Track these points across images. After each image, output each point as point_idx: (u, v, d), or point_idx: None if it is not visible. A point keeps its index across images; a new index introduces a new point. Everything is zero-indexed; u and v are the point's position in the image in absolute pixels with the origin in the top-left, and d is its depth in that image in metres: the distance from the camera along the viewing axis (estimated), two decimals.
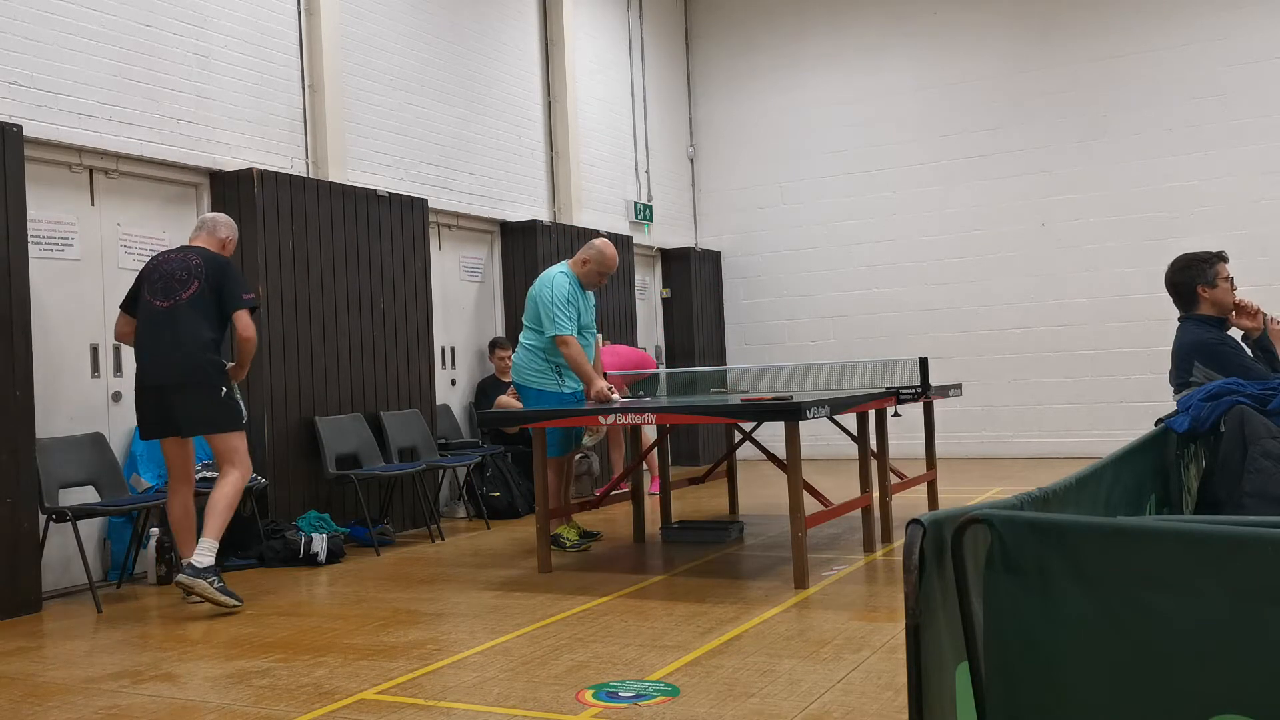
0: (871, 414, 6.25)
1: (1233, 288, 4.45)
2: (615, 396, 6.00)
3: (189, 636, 4.67)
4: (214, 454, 5.41)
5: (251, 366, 6.72)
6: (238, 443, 5.36)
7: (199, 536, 5.20)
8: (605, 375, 6.94)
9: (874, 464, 6.17)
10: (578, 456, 8.90)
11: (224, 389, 5.32)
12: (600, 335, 7.46)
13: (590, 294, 6.45)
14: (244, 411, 5.45)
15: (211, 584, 5.03)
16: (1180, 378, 4.32)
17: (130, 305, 5.48)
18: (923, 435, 7.30)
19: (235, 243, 5.70)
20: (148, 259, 6.55)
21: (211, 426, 5.31)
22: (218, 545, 5.15)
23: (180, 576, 5.07)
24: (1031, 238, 10.96)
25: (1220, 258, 4.46)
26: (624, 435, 8.57)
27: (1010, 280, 11.06)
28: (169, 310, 5.30)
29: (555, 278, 6.24)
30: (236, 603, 5.08)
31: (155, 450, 6.32)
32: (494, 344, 8.80)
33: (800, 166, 12.05)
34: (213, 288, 5.32)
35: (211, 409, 5.29)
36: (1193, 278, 4.44)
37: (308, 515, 6.70)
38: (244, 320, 5.33)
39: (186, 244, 5.58)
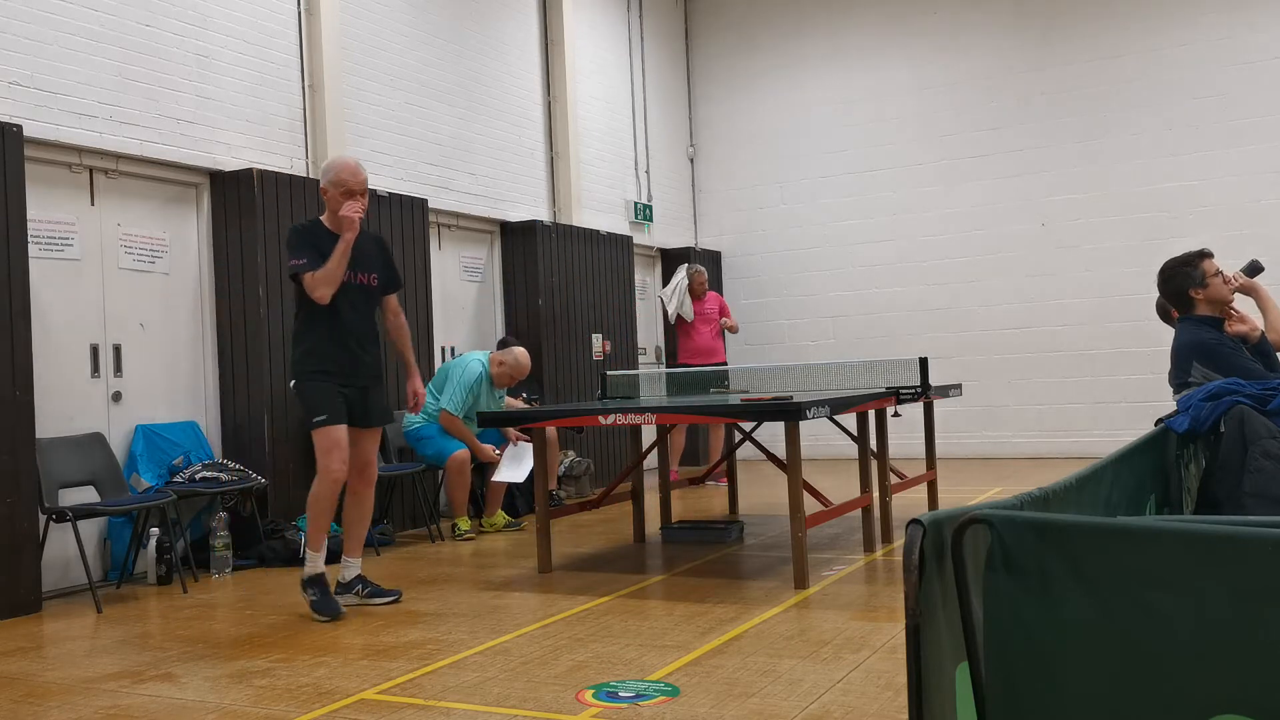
0: (871, 414, 6.25)
1: (1225, 280, 4.46)
2: (496, 453, 7.19)
3: (189, 636, 4.67)
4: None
5: (250, 366, 6.76)
6: (314, 440, 4.96)
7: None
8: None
9: (874, 464, 6.17)
10: (574, 458, 8.91)
11: (294, 380, 5.05)
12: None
13: (500, 391, 7.48)
14: (320, 406, 4.91)
15: (308, 596, 4.91)
16: (1179, 378, 4.32)
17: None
18: (923, 435, 7.30)
19: (339, 188, 4.93)
20: (146, 259, 6.57)
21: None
22: (317, 554, 4.98)
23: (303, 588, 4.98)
24: (1031, 238, 10.96)
25: (1203, 255, 4.48)
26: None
27: (1010, 280, 11.06)
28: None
29: (470, 365, 7.30)
30: (322, 619, 4.84)
31: (155, 450, 6.33)
32: (499, 345, 8.79)
33: (800, 166, 12.05)
34: None
35: (300, 403, 5.09)
36: (1181, 284, 4.46)
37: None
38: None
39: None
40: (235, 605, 5.32)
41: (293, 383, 5.07)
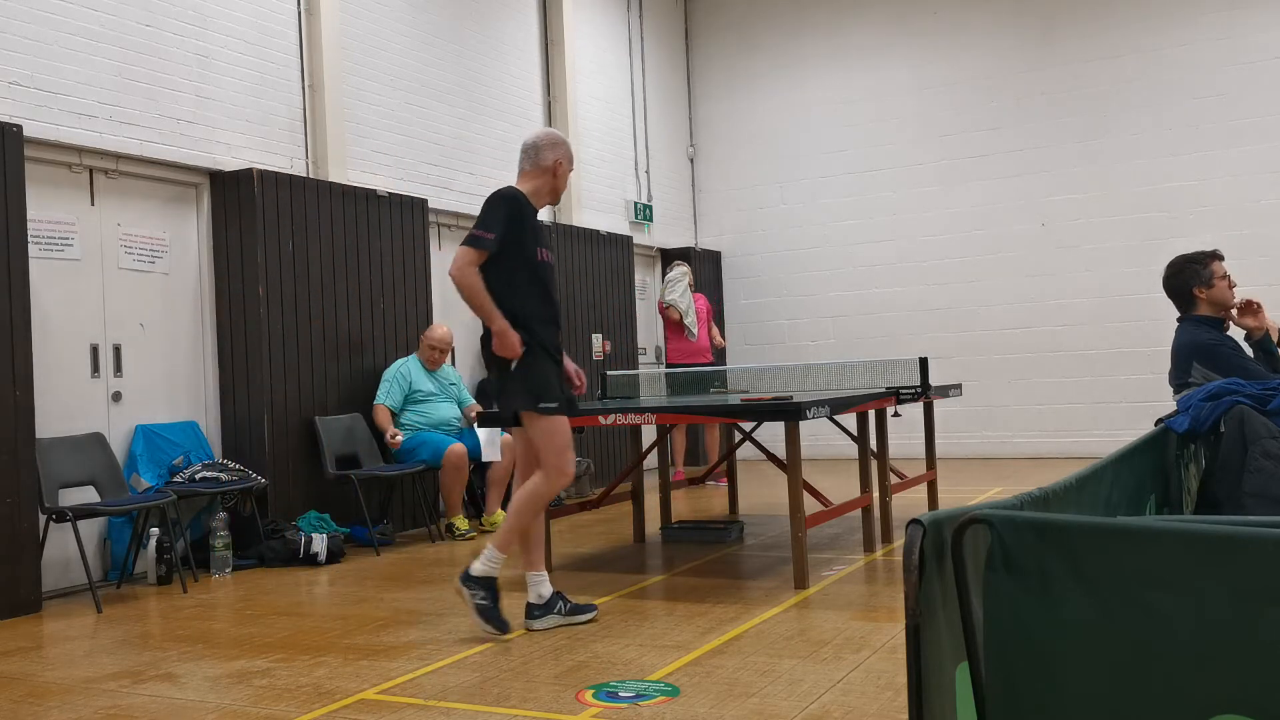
0: (871, 414, 6.25)
1: (1230, 285, 4.45)
2: (398, 438, 7.18)
3: (189, 636, 4.67)
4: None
5: (250, 366, 6.76)
6: (539, 428, 4.38)
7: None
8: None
9: (874, 464, 6.17)
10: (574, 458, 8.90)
11: (514, 361, 4.38)
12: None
13: (445, 368, 7.69)
14: (553, 390, 4.40)
15: (474, 596, 4.31)
16: (1179, 378, 4.32)
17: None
18: (923, 435, 7.30)
19: (568, 163, 4.61)
20: (146, 259, 6.57)
21: (508, 404, 4.47)
22: (502, 558, 4.37)
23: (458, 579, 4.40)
24: (1031, 238, 10.96)
25: (1214, 256, 4.46)
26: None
27: (1010, 280, 11.06)
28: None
29: (397, 361, 7.55)
30: (495, 630, 4.32)
31: (155, 450, 6.33)
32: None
33: (800, 166, 12.05)
34: None
35: (508, 383, 4.43)
36: (1187, 280, 4.45)
37: (308, 515, 6.70)
38: (457, 253, 4.45)
39: None
40: (235, 605, 5.32)
41: (513, 362, 4.36)
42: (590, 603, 4.63)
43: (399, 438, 7.18)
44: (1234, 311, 4.44)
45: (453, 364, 8.81)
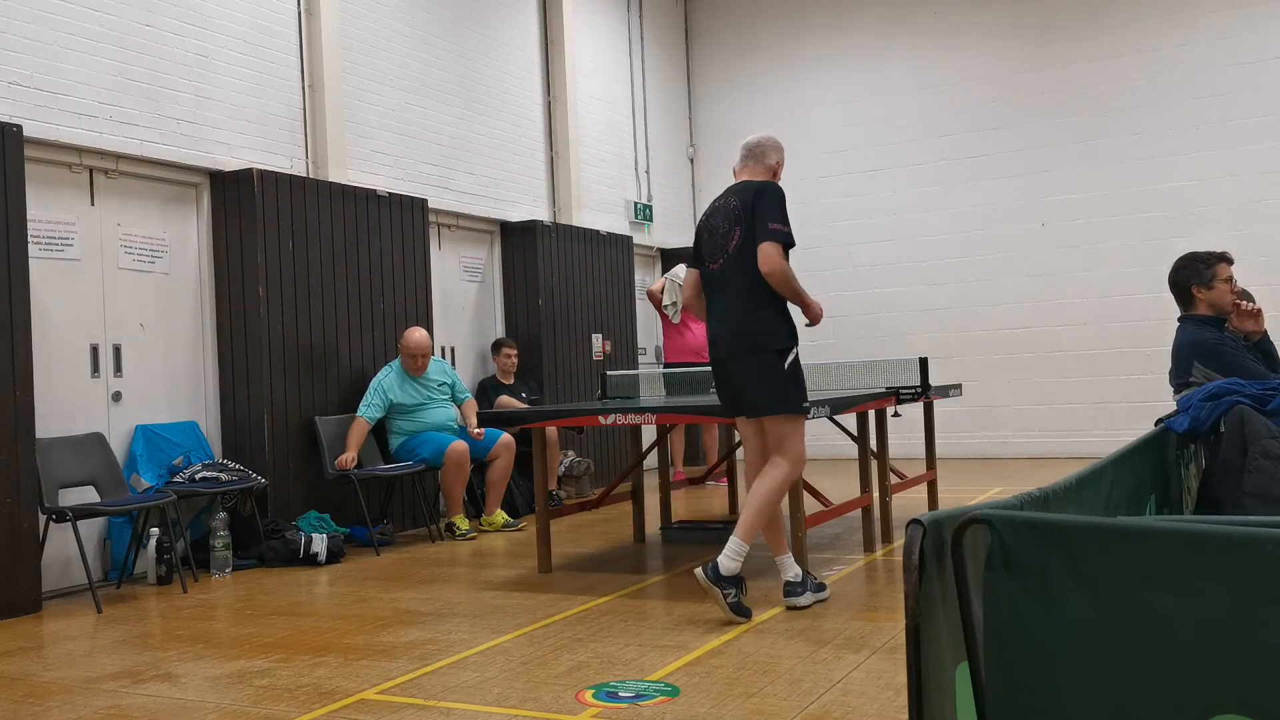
0: (871, 414, 6.25)
1: (1233, 289, 4.44)
2: (350, 460, 6.82)
3: (189, 636, 4.67)
4: (768, 439, 4.59)
5: (250, 366, 6.76)
6: (790, 428, 4.50)
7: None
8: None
9: (874, 464, 6.17)
10: (574, 458, 8.91)
11: (786, 358, 4.47)
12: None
13: (444, 368, 7.59)
14: (805, 392, 4.58)
15: (727, 597, 4.35)
16: (1180, 378, 4.32)
17: (696, 263, 4.77)
18: (923, 435, 7.30)
19: (782, 167, 4.84)
20: (146, 259, 6.57)
21: (763, 408, 4.50)
22: (746, 549, 4.40)
23: (698, 572, 4.38)
24: (1031, 238, 10.96)
25: (1222, 258, 4.45)
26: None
27: (1010, 280, 11.06)
28: (719, 272, 4.57)
29: (381, 370, 7.36)
30: (744, 619, 4.40)
31: (155, 450, 6.33)
32: (499, 344, 8.80)
33: (800, 166, 12.03)
34: (750, 224, 4.49)
35: (763, 386, 4.47)
36: (1188, 278, 4.45)
37: (308, 515, 6.70)
38: (764, 252, 4.41)
39: (734, 180, 4.82)
40: (235, 605, 5.32)
41: (782, 352, 4.46)
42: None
43: (352, 465, 6.81)
44: (1232, 315, 4.43)
45: (453, 364, 8.83)
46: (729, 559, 4.36)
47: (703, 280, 4.70)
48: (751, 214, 4.48)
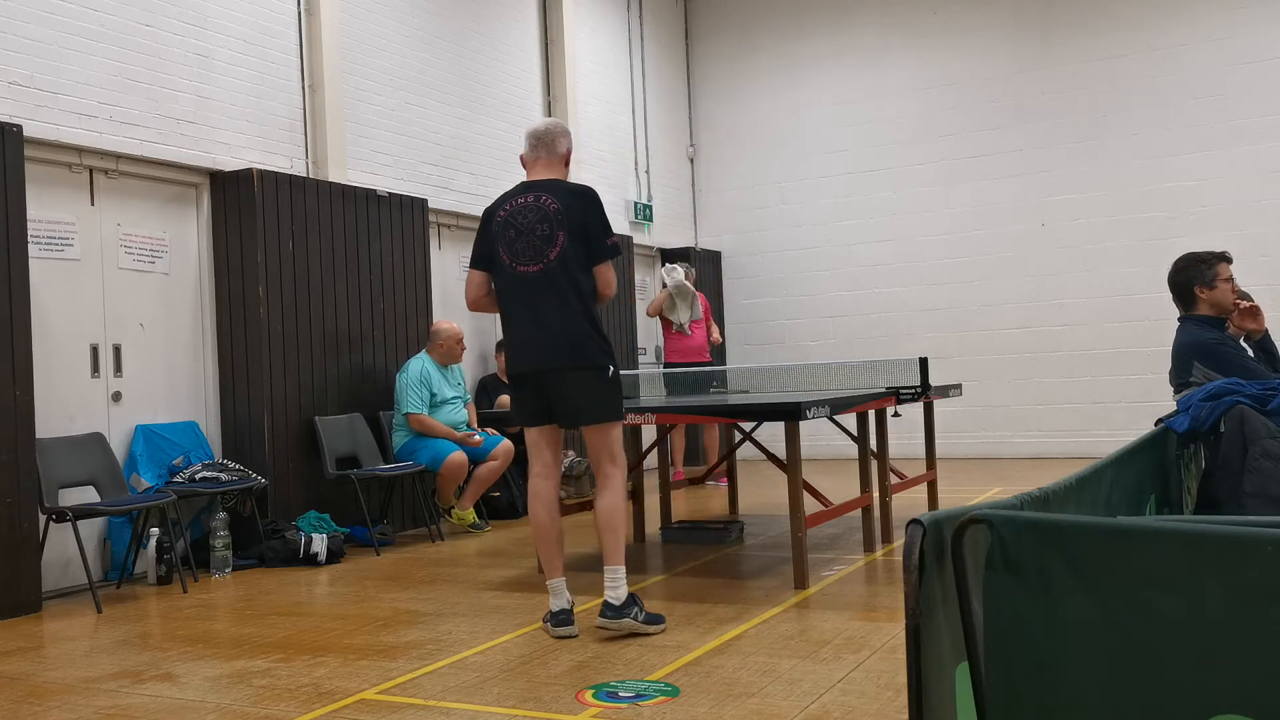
0: (871, 414, 6.24)
1: (1234, 289, 4.44)
2: (476, 437, 7.39)
3: (189, 636, 4.67)
4: (589, 449, 4.48)
5: (250, 366, 6.76)
6: (617, 434, 4.46)
7: (606, 559, 4.36)
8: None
9: (874, 464, 6.17)
10: (574, 458, 8.90)
11: (610, 369, 4.40)
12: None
13: (453, 367, 7.58)
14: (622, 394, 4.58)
15: (635, 617, 4.27)
16: (1180, 378, 4.32)
17: (485, 263, 4.49)
18: (923, 435, 7.30)
19: (571, 153, 4.65)
20: (146, 259, 6.57)
21: (591, 417, 4.39)
22: (623, 570, 4.31)
23: (601, 621, 4.26)
24: (1031, 238, 10.96)
25: (1222, 258, 4.45)
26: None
27: (1010, 280, 11.06)
28: (537, 277, 4.33)
29: (408, 365, 7.38)
30: (662, 626, 4.36)
31: (155, 450, 6.33)
32: (498, 346, 8.79)
33: (800, 166, 12.05)
34: (581, 235, 4.32)
35: (596, 398, 4.37)
36: (1190, 279, 4.44)
37: (308, 515, 6.70)
38: (605, 276, 4.39)
39: (528, 180, 4.50)
40: (235, 605, 5.32)
41: (610, 368, 4.40)
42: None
43: (478, 436, 7.32)
44: (1234, 314, 4.43)
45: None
46: (614, 589, 4.26)
47: (508, 282, 4.40)
48: (582, 225, 4.32)
